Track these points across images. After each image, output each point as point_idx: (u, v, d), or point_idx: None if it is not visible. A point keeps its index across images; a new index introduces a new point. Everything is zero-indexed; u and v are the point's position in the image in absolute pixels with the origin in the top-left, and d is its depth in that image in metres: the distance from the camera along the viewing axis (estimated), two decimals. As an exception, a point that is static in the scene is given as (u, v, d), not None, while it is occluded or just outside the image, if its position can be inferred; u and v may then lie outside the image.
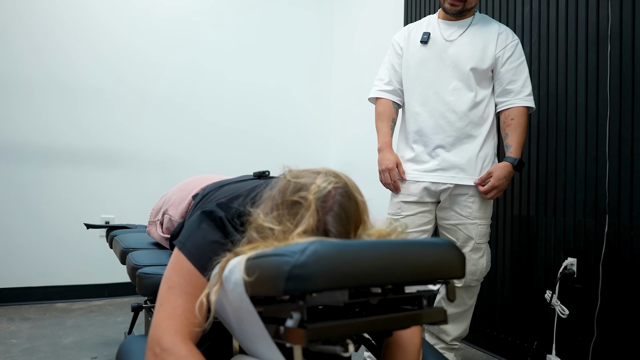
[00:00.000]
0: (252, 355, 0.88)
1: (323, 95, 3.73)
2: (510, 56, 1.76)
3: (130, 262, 1.28)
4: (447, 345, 1.88)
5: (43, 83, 2.88)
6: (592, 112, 1.79)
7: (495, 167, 1.74)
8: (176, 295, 0.91)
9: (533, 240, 2.01)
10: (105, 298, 3.01)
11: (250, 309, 0.78)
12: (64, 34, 2.93)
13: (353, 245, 0.72)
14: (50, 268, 2.89)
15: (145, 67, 3.15)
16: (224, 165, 3.23)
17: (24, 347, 2.09)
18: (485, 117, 1.79)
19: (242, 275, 0.76)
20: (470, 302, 1.86)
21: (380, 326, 0.76)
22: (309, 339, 0.69)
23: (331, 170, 0.94)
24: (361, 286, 0.71)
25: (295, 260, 0.67)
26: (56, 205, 2.91)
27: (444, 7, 1.80)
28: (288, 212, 0.87)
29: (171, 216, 1.51)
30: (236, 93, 3.42)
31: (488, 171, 1.74)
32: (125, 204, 3.06)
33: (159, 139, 3.19)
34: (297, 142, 3.62)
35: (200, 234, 0.96)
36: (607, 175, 1.72)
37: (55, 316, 2.59)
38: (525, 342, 2.01)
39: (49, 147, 2.90)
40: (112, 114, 3.06)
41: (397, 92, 1.94)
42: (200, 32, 3.32)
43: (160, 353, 0.85)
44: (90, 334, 2.30)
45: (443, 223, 1.84)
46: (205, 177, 1.55)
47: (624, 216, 1.67)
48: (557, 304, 1.82)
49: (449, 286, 0.86)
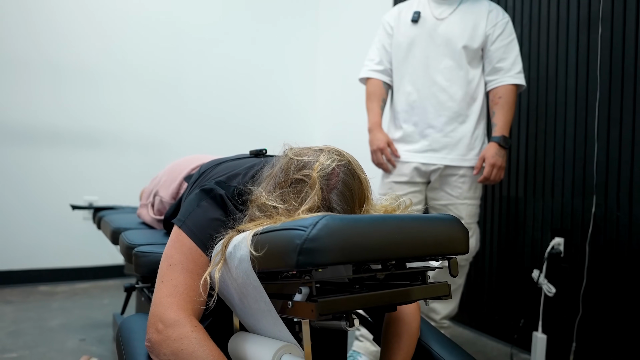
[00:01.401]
0: (255, 332, 0.88)
1: (308, 76, 3.70)
2: (500, 34, 1.76)
3: (124, 241, 1.26)
4: (437, 323, 1.91)
5: (29, 61, 2.78)
6: (582, 93, 1.81)
7: (484, 150, 1.75)
8: (177, 272, 0.90)
9: (521, 221, 2.04)
10: (89, 281, 2.96)
11: (257, 285, 0.77)
12: (49, 10, 2.82)
13: (363, 219, 0.72)
14: (33, 250, 2.83)
15: (130, 47, 3.06)
16: (209, 146, 3.19)
17: (9, 330, 2.06)
18: (475, 97, 1.79)
19: (250, 250, 0.75)
20: (459, 282, 1.89)
21: (388, 300, 0.77)
22: (319, 313, 0.69)
23: (334, 147, 0.93)
24: (371, 260, 0.71)
25: (307, 234, 0.66)
26: (39, 186, 2.84)
27: None
28: (292, 191, 0.86)
29: (162, 197, 1.49)
30: (221, 73, 3.36)
31: (480, 157, 1.75)
32: (108, 185, 3.01)
33: (143, 120, 3.12)
34: (283, 123, 3.59)
35: (201, 212, 0.95)
36: (595, 156, 1.75)
37: (39, 299, 2.55)
38: (512, 321, 2.06)
39: (31, 126, 2.81)
40: (96, 93, 2.98)
41: (387, 72, 1.93)
42: (186, 13, 3.23)
43: (163, 330, 0.84)
44: (77, 317, 2.27)
45: (433, 203, 1.86)
46: (195, 158, 1.53)
47: (610, 197, 1.71)
48: (544, 282, 1.86)
49: (452, 261, 0.87)
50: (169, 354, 0.82)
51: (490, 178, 1.73)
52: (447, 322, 1.93)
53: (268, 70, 3.53)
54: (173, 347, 0.82)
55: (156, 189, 1.51)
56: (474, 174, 1.77)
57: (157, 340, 0.84)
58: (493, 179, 1.73)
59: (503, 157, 1.73)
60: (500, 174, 1.74)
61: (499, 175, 1.74)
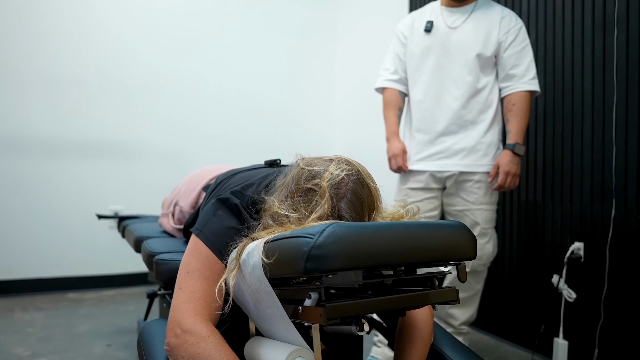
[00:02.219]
0: (270, 337, 0.91)
1: (327, 87, 3.74)
2: (513, 40, 1.76)
3: (146, 249, 1.31)
4: (456, 329, 1.91)
5: (53, 74, 2.90)
6: (599, 97, 1.80)
7: (498, 158, 1.75)
8: (195, 279, 0.93)
9: (540, 225, 2.03)
10: (115, 288, 3.05)
11: (269, 290, 0.80)
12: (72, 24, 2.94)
13: (369, 226, 0.74)
14: (61, 259, 2.94)
15: (154, 62, 3.16)
16: (229, 157, 3.25)
17: (39, 335, 2.14)
18: (489, 104, 1.80)
19: (261, 257, 0.78)
20: (477, 287, 1.89)
21: (395, 305, 0.79)
22: (327, 317, 0.71)
23: (343, 157, 0.95)
24: (377, 266, 0.73)
25: (314, 241, 0.69)
26: (66, 197, 2.95)
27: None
28: (303, 200, 0.89)
29: (182, 207, 1.54)
30: (241, 86, 3.44)
31: (494, 164, 1.75)
32: (133, 195, 3.10)
33: (166, 132, 3.21)
34: (302, 133, 3.63)
35: (217, 221, 0.98)
36: (614, 160, 1.73)
37: (67, 306, 2.64)
38: (533, 326, 2.04)
39: (57, 137, 2.93)
40: (121, 107, 3.08)
41: (402, 81, 1.95)
42: (207, 28, 3.32)
43: (181, 334, 0.87)
44: (103, 323, 2.34)
45: (449, 209, 1.86)
46: (214, 168, 1.57)
47: (630, 200, 1.68)
48: (564, 287, 1.84)
49: (460, 267, 0.88)
50: (186, 358, 0.86)
51: (505, 185, 1.73)
52: (465, 328, 1.92)
53: (286, 82, 3.59)
54: (190, 350, 0.86)
55: (176, 199, 1.56)
56: (489, 181, 1.77)
57: (175, 344, 0.88)
58: (507, 186, 1.73)
59: (517, 165, 1.73)
60: (515, 181, 1.74)
61: (513, 183, 1.73)
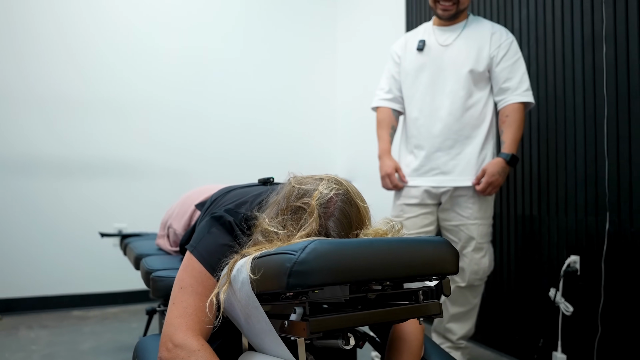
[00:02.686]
0: (261, 351, 0.94)
1: (328, 103, 3.80)
2: (504, 55, 1.80)
3: (144, 267, 1.35)
4: (454, 344, 1.92)
5: (55, 96, 2.97)
6: (590, 111, 1.82)
7: (488, 164, 1.78)
8: (188, 295, 0.96)
9: (536, 239, 2.04)
10: (119, 305, 3.08)
11: (257, 305, 0.83)
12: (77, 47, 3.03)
13: (350, 243, 0.77)
14: (66, 277, 2.97)
15: (156, 81, 3.23)
16: (232, 174, 3.29)
17: (43, 352, 2.17)
18: (482, 118, 1.83)
19: (248, 274, 0.81)
20: (474, 301, 1.90)
21: (378, 319, 0.82)
22: (310, 331, 0.74)
23: (333, 176, 0.99)
24: (358, 281, 0.76)
25: (296, 257, 0.72)
26: (71, 216, 3.00)
27: (437, 13, 1.86)
28: (291, 217, 0.92)
29: (175, 230, 1.57)
30: (243, 103, 3.50)
31: (482, 169, 1.78)
32: (136, 213, 3.14)
33: (169, 150, 3.27)
34: (304, 149, 3.67)
35: (211, 238, 1.02)
36: (607, 173, 1.75)
37: (72, 323, 2.67)
38: (532, 340, 2.04)
39: (62, 157, 2.99)
40: (125, 126, 3.15)
41: (397, 99, 1.99)
42: (207, 40, 3.40)
43: (172, 348, 0.90)
44: (107, 340, 2.37)
45: (445, 224, 1.88)
46: (206, 188, 1.60)
47: (624, 213, 1.70)
48: (561, 301, 1.85)
49: (444, 282, 0.91)
50: None
51: (484, 192, 1.77)
52: (464, 343, 1.93)
53: (288, 99, 3.65)
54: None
55: (170, 222, 1.59)
56: (473, 183, 1.80)
57: (167, 358, 0.90)
58: (485, 194, 1.78)
59: (504, 176, 1.76)
60: (493, 192, 1.79)
61: (492, 192, 1.79)
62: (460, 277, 1.87)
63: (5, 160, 2.86)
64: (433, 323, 2.01)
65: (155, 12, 3.25)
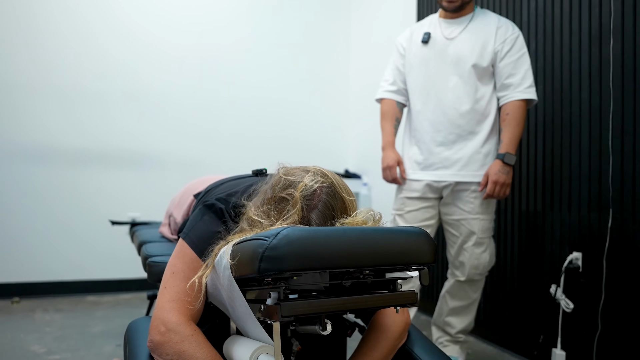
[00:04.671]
0: (245, 334, 0.97)
1: (342, 91, 3.81)
2: (509, 50, 1.78)
3: (143, 253, 1.40)
4: (452, 337, 1.92)
5: (73, 87, 3.07)
6: (596, 107, 1.80)
7: (488, 168, 1.77)
8: (179, 280, 1.00)
9: (539, 235, 2.03)
10: (132, 292, 3.17)
11: (237, 289, 0.86)
12: (92, 39, 3.11)
13: (323, 230, 0.80)
14: (82, 264, 3.08)
15: (167, 70, 3.30)
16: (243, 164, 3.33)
17: (56, 334, 2.26)
18: (486, 114, 1.82)
19: (227, 259, 0.85)
20: (474, 296, 1.90)
21: (351, 306, 0.84)
22: (282, 315, 0.77)
23: (319, 169, 1.01)
24: (329, 269, 0.78)
25: (268, 243, 0.75)
26: (87, 205, 3.10)
27: (442, 5, 1.84)
28: (275, 207, 0.95)
29: (175, 218, 1.61)
30: (256, 91, 3.54)
31: (485, 173, 1.77)
32: (150, 202, 3.22)
33: (182, 141, 3.33)
34: (316, 139, 3.70)
35: (203, 225, 1.05)
36: (610, 170, 1.73)
37: (85, 308, 2.76)
38: (532, 336, 2.03)
39: (79, 147, 3.08)
40: (137, 119, 3.22)
41: (401, 91, 1.99)
42: (220, 32, 3.44)
43: (165, 332, 0.93)
44: (117, 324, 2.45)
45: (446, 218, 1.88)
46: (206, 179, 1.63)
47: (626, 210, 1.68)
48: (562, 297, 1.84)
49: (422, 272, 0.92)
50: (171, 355, 0.92)
51: (494, 195, 1.74)
52: (462, 337, 1.93)
53: (300, 90, 3.67)
54: (175, 348, 0.92)
55: (171, 211, 1.64)
56: (479, 190, 1.79)
57: (159, 341, 0.94)
58: (497, 195, 1.75)
59: (507, 174, 1.74)
60: (505, 191, 1.75)
61: (503, 192, 1.75)
62: (460, 272, 1.87)
63: (24, 150, 2.97)
64: (433, 316, 2.02)
65: (170, 3, 3.31)
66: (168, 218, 1.67)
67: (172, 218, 1.63)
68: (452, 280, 1.91)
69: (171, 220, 1.64)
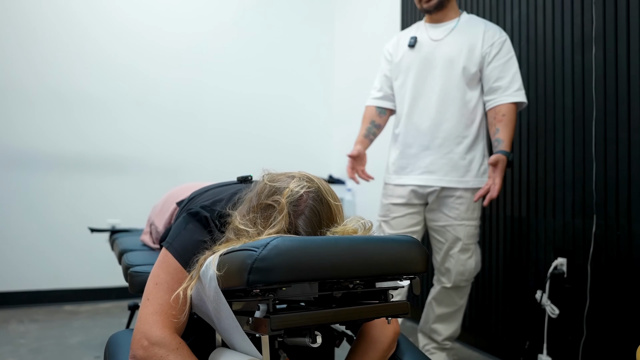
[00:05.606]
0: (231, 347, 0.94)
1: (325, 97, 3.80)
2: (497, 54, 1.78)
3: (124, 262, 1.35)
4: (439, 344, 1.91)
5: (52, 92, 2.98)
6: (579, 113, 1.82)
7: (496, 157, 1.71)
8: (163, 291, 0.96)
9: (524, 241, 2.03)
10: (111, 301, 3.09)
11: (223, 301, 0.83)
12: (76, 44, 3.03)
13: (313, 240, 0.77)
14: (59, 272, 2.98)
15: (149, 75, 3.24)
16: (227, 170, 3.30)
17: (31, 346, 2.17)
18: (473, 118, 1.82)
19: (214, 270, 0.81)
20: (460, 302, 1.89)
21: (343, 317, 0.81)
22: (272, 328, 0.74)
23: (305, 174, 0.98)
24: (320, 279, 0.76)
25: (257, 254, 0.72)
26: (64, 211, 3.01)
27: (423, 9, 1.85)
28: (261, 215, 0.92)
29: (157, 227, 1.57)
30: (239, 97, 3.50)
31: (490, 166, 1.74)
32: (130, 209, 3.15)
33: (163, 146, 3.27)
34: (300, 145, 3.68)
35: (187, 234, 1.01)
36: (594, 176, 1.75)
37: (62, 318, 2.67)
38: (518, 342, 2.03)
39: (57, 154, 3.00)
40: (117, 122, 3.15)
41: (388, 97, 1.99)
42: (204, 39, 3.40)
43: (149, 347, 0.89)
44: (95, 335, 2.37)
45: (432, 224, 1.88)
46: (190, 186, 1.60)
47: (610, 216, 1.69)
48: (547, 303, 1.84)
49: (414, 281, 0.90)
50: None
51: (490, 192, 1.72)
52: (449, 344, 1.92)
53: (285, 92, 3.65)
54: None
55: (152, 219, 1.60)
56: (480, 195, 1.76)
57: (143, 356, 0.89)
58: (492, 195, 1.72)
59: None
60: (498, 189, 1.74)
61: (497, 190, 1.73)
62: (446, 278, 1.86)
63: (-1, 155, 2.88)
64: (419, 324, 2.00)
65: (150, 8, 3.26)
66: (149, 226, 1.63)
67: (153, 227, 1.58)
68: (438, 287, 1.90)
69: (152, 228, 1.59)
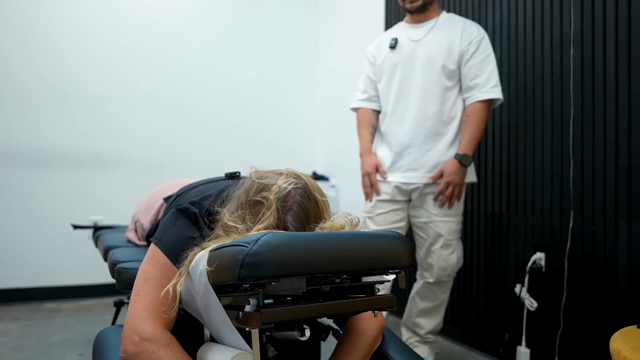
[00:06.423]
0: (220, 341, 0.95)
1: (309, 94, 3.81)
2: (475, 52, 1.82)
3: (110, 259, 1.35)
4: (422, 338, 1.95)
5: (34, 86, 2.93)
6: (557, 112, 1.87)
7: (444, 165, 1.81)
8: (153, 287, 0.97)
9: (504, 236, 2.09)
10: (94, 298, 3.06)
11: (213, 296, 0.85)
12: (54, 37, 2.98)
13: (303, 236, 0.79)
14: (39, 269, 2.94)
15: (132, 69, 3.21)
16: (211, 166, 3.29)
17: (12, 345, 2.15)
18: (452, 115, 1.86)
19: (205, 265, 0.83)
20: (442, 297, 1.94)
21: (331, 311, 0.83)
22: (262, 322, 0.76)
23: (292, 171, 1.00)
24: (310, 274, 0.78)
25: (248, 250, 0.74)
26: (46, 206, 2.96)
27: (406, 8, 1.88)
28: (250, 211, 0.93)
29: (142, 224, 1.57)
30: (223, 94, 3.49)
31: (439, 169, 1.81)
32: (113, 205, 3.12)
33: (147, 141, 3.25)
34: (284, 142, 3.69)
35: (176, 230, 1.02)
36: (571, 173, 1.80)
37: (44, 316, 2.64)
38: (498, 335, 2.09)
39: (38, 148, 2.95)
40: (100, 116, 3.11)
41: (372, 99, 2.02)
42: (188, 34, 3.38)
43: (140, 342, 0.90)
44: (78, 332, 2.35)
45: (415, 221, 1.91)
46: (177, 182, 1.60)
47: (586, 212, 1.75)
48: (526, 297, 1.90)
49: (399, 275, 0.93)
50: None
51: (446, 194, 1.79)
52: (432, 337, 1.97)
53: (269, 89, 3.65)
54: (151, 358, 0.89)
55: (137, 216, 1.59)
56: (430, 182, 1.82)
57: (134, 352, 0.90)
58: (448, 194, 1.79)
59: (461, 175, 1.79)
60: (458, 191, 1.80)
61: (457, 192, 1.79)
62: (428, 273, 1.90)
63: (-23, 150, 2.82)
64: (402, 318, 2.04)
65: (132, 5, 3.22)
66: (134, 223, 1.62)
67: (138, 224, 1.58)
68: (421, 282, 1.94)
69: (137, 225, 1.59)
